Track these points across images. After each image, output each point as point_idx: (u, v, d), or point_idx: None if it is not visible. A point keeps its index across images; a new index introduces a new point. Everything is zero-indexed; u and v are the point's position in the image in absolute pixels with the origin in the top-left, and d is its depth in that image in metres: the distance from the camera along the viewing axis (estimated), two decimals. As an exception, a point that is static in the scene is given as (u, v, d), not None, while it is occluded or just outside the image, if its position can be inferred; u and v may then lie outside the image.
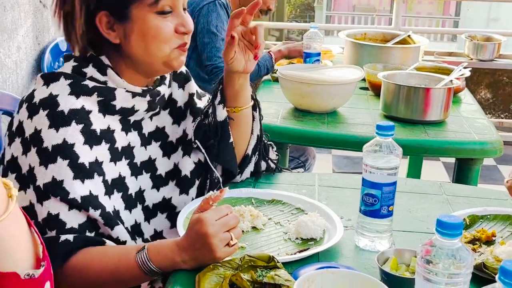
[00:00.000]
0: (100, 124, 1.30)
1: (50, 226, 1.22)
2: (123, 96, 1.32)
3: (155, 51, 1.30)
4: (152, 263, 1.19)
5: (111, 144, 1.32)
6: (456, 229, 0.86)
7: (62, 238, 1.21)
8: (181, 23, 1.31)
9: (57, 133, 1.23)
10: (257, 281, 1.11)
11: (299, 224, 1.32)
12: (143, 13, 1.27)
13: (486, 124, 2.19)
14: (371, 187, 1.27)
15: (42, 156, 1.23)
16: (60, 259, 1.20)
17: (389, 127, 1.25)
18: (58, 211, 1.22)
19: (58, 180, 1.22)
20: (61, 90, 1.27)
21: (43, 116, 1.24)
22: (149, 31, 1.28)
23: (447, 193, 1.57)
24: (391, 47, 2.76)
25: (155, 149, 1.43)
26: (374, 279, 1.07)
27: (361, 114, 2.24)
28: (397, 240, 1.32)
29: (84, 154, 1.25)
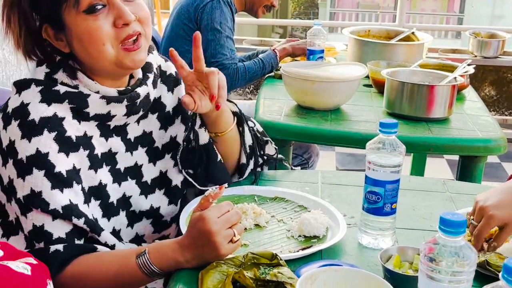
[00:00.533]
0: (75, 131, 1.25)
1: (37, 238, 1.20)
2: (97, 103, 1.26)
3: (96, 55, 1.23)
4: (155, 265, 1.19)
5: (90, 151, 1.27)
6: (459, 227, 0.86)
7: (51, 249, 1.19)
8: (117, 15, 1.21)
9: (30, 143, 1.20)
10: (260, 278, 1.11)
11: (302, 221, 1.32)
12: (72, 17, 1.20)
13: (490, 121, 2.19)
14: (374, 184, 1.26)
15: (18, 168, 1.20)
16: (53, 271, 1.17)
17: (392, 124, 1.25)
18: (42, 222, 1.20)
19: (36, 191, 1.19)
20: (32, 97, 1.23)
21: (15, 127, 1.21)
22: (83, 36, 1.21)
23: (451, 191, 1.56)
24: (395, 44, 2.75)
25: (141, 155, 1.38)
26: (377, 277, 1.07)
27: (364, 111, 2.23)
28: (400, 237, 1.32)
29: (60, 162, 1.21)
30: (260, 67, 2.64)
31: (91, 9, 1.20)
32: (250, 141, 1.51)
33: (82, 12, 1.20)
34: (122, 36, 1.22)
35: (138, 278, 1.21)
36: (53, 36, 1.25)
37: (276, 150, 1.62)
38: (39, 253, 1.18)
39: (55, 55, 1.27)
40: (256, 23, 6.97)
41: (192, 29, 2.59)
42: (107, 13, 1.21)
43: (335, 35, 10.48)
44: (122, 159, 1.35)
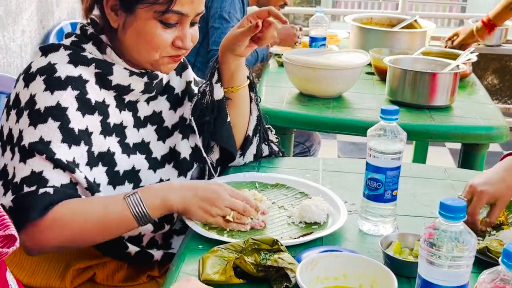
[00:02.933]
0: (95, 95, 1.30)
1: (30, 183, 1.20)
2: (121, 73, 1.33)
3: (143, 53, 1.31)
4: (144, 203, 1.22)
5: (104, 117, 1.32)
6: (459, 212, 0.86)
7: (41, 191, 1.19)
8: (180, 37, 1.30)
9: (52, 95, 1.24)
10: (261, 264, 1.11)
11: (303, 208, 1.32)
12: (147, 16, 1.26)
13: (493, 109, 2.18)
14: (375, 171, 1.26)
15: (33, 117, 1.23)
16: (37, 212, 1.17)
17: (393, 111, 1.25)
18: (42, 168, 1.21)
19: (45, 140, 1.22)
20: (60, 59, 1.28)
21: (40, 81, 1.25)
22: (145, 34, 1.28)
23: (452, 178, 1.56)
24: (397, 31, 2.74)
25: (150, 133, 1.42)
26: (377, 263, 1.07)
27: (366, 99, 2.23)
28: (400, 224, 1.32)
29: (75, 120, 1.25)
30: (254, 58, 2.67)
31: (166, 23, 1.28)
32: (257, 112, 1.56)
33: (157, 19, 1.27)
34: (173, 53, 1.32)
35: (125, 220, 1.22)
36: (111, 7, 1.29)
37: (277, 138, 1.64)
38: (26, 195, 1.18)
39: (87, 28, 1.33)
40: (259, 11, 6.93)
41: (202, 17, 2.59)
42: (174, 30, 1.29)
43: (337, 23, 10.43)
44: (130, 134, 1.38)
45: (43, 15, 2.47)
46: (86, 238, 1.24)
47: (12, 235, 0.91)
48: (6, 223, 0.91)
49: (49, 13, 2.53)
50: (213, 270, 1.12)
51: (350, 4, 15.33)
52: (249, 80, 1.53)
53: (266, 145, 1.60)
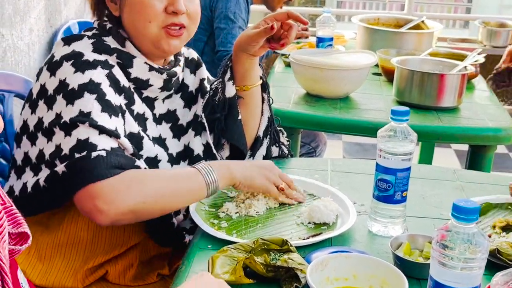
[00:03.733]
0: (121, 79, 1.31)
1: (79, 150, 1.19)
2: (140, 66, 1.34)
3: (141, 29, 1.32)
4: (213, 169, 1.29)
5: (129, 102, 1.32)
6: (472, 213, 0.86)
7: (93, 155, 1.18)
8: (171, 1, 1.30)
9: (83, 74, 1.25)
10: (271, 264, 1.11)
11: (312, 208, 1.32)
12: None
13: (500, 110, 2.18)
14: (385, 172, 1.26)
15: (68, 96, 1.23)
16: (94, 175, 1.17)
17: (404, 112, 1.24)
18: (87, 136, 1.20)
19: (85, 112, 1.22)
20: (84, 47, 1.30)
21: (67, 66, 1.25)
22: (135, 7, 1.31)
23: (461, 180, 1.56)
24: (404, 32, 2.74)
25: (165, 130, 1.44)
26: (387, 263, 1.07)
27: (374, 99, 2.23)
28: (410, 226, 1.31)
29: (110, 94, 1.26)
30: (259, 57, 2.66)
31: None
32: (268, 113, 1.57)
33: None
34: (168, 21, 1.31)
35: (196, 186, 1.27)
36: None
37: (288, 141, 1.65)
38: (78, 161, 1.18)
39: (105, 23, 1.35)
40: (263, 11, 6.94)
41: (207, 18, 2.60)
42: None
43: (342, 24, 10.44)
44: (149, 126, 1.39)
45: (51, 14, 2.47)
46: (160, 200, 1.23)
47: (25, 232, 0.91)
48: (19, 221, 0.91)
49: (56, 12, 2.54)
50: (223, 270, 1.12)
51: (355, 5, 15.34)
52: (262, 80, 1.53)
53: (276, 147, 1.60)
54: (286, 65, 2.61)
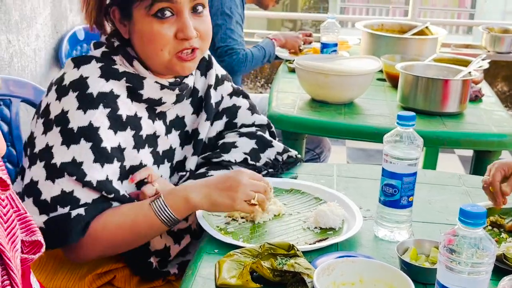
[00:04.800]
0: (127, 110, 1.30)
1: (62, 203, 1.22)
2: (152, 86, 1.33)
3: (153, 56, 1.30)
4: (168, 206, 1.24)
5: (136, 131, 1.32)
6: (479, 218, 0.86)
7: (73, 214, 1.21)
8: (181, 28, 1.27)
9: (84, 114, 1.24)
10: (277, 268, 1.12)
11: (318, 213, 1.32)
12: (141, 14, 1.26)
13: (505, 116, 2.18)
14: (391, 177, 1.26)
15: (66, 136, 1.24)
16: (76, 235, 1.21)
17: (410, 117, 1.25)
18: (72, 188, 1.23)
19: (78, 161, 1.23)
20: (92, 72, 1.28)
21: (73, 98, 1.25)
22: (144, 35, 1.28)
23: (467, 185, 1.56)
24: (408, 38, 2.74)
25: (175, 138, 1.44)
26: (394, 268, 1.07)
27: (378, 105, 2.23)
28: (416, 231, 1.32)
29: (107, 138, 1.26)
30: (263, 54, 2.69)
31: (160, 15, 1.26)
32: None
33: (151, 15, 1.25)
34: (179, 48, 1.28)
35: (154, 224, 1.25)
36: (118, 19, 1.31)
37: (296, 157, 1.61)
38: (60, 218, 1.21)
39: (113, 40, 1.33)
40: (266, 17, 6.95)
41: None
42: (173, 22, 1.27)
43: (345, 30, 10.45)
44: (161, 142, 1.40)
45: (57, 20, 2.49)
46: (122, 245, 1.28)
47: (39, 241, 0.92)
48: (32, 228, 0.92)
49: (62, 18, 2.55)
50: (230, 274, 1.12)
51: (358, 10, 15.35)
52: None
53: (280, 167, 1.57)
54: (290, 71, 2.62)
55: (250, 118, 1.57)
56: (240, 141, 1.51)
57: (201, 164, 1.47)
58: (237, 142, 1.50)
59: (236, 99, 1.57)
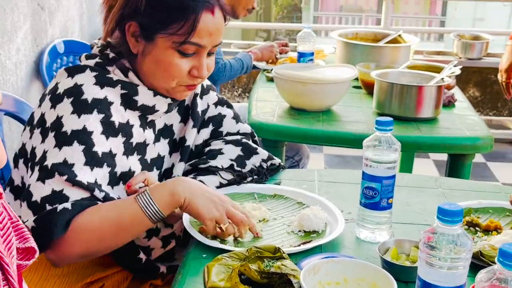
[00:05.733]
0: (119, 117, 1.34)
1: (51, 202, 1.23)
2: (145, 93, 1.37)
3: (161, 80, 1.36)
4: (153, 200, 1.24)
5: (127, 138, 1.36)
6: (456, 216, 0.91)
7: (59, 208, 1.22)
8: (197, 67, 1.35)
9: (79, 119, 1.28)
10: (264, 271, 1.15)
11: (302, 217, 1.36)
12: (166, 45, 1.32)
13: (477, 120, 2.25)
14: (371, 180, 1.31)
15: (59, 139, 1.26)
16: (60, 229, 1.21)
17: (387, 122, 1.30)
18: (62, 187, 1.24)
19: (69, 163, 1.25)
20: (86, 80, 1.32)
21: (67, 104, 1.28)
22: (163, 63, 1.33)
23: (443, 187, 1.62)
24: (383, 46, 2.81)
25: (163, 146, 1.47)
26: (377, 267, 1.12)
27: (355, 112, 2.29)
28: (396, 231, 1.37)
29: (99, 143, 1.29)
30: (240, 66, 2.75)
31: (184, 53, 1.33)
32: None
33: (176, 49, 1.32)
34: (189, 82, 1.37)
35: (139, 219, 1.25)
36: (132, 34, 1.34)
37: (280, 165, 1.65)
38: (47, 214, 1.22)
39: (107, 52, 1.37)
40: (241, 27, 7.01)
41: None
42: (191, 60, 1.34)
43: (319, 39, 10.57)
44: (149, 150, 1.43)
45: (37, 34, 2.50)
46: (106, 243, 1.27)
47: (32, 247, 0.94)
48: (25, 236, 0.94)
49: (42, 32, 2.57)
50: (219, 277, 1.16)
51: (331, 19, 15.51)
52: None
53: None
54: (268, 80, 2.67)
55: (235, 126, 1.61)
56: (226, 148, 1.55)
57: (189, 171, 1.51)
58: (223, 149, 1.54)
59: (221, 108, 1.61)
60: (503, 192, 1.61)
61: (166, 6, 1.30)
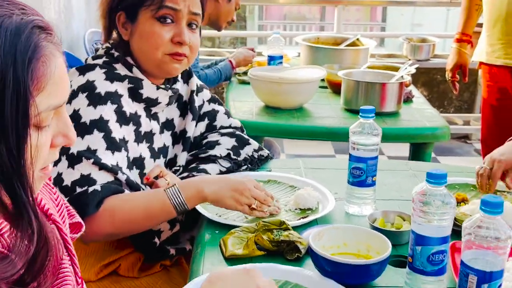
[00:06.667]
0: (129, 108, 1.50)
1: (81, 184, 1.38)
2: (149, 87, 1.53)
3: (148, 54, 1.51)
4: (182, 194, 1.40)
5: (137, 127, 1.51)
6: (442, 178, 1.11)
7: (90, 190, 1.37)
8: (177, 33, 1.49)
9: (95, 110, 1.42)
10: (274, 240, 1.33)
11: (298, 196, 1.55)
12: (146, 16, 1.48)
13: (434, 113, 2.50)
14: (357, 161, 1.51)
15: (80, 129, 1.40)
16: (92, 208, 1.36)
17: (370, 110, 1.51)
18: (89, 171, 1.39)
19: (92, 149, 1.40)
20: (97, 76, 1.47)
21: (83, 98, 1.43)
22: (146, 34, 1.49)
23: (413, 169, 1.84)
24: (344, 49, 3.04)
25: (167, 137, 1.64)
26: (371, 231, 1.32)
27: (324, 109, 2.50)
28: (378, 206, 1.57)
29: (115, 130, 1.44)
30: (218, 76, 2.90)
31: (162, 19, 1.48)
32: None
33: (155, 18, 1.48)
34: (172, 50, 1.50)
35: (165, 209, 1.41)
36: (122, 24, 1.51)
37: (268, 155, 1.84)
38: (78, 197, 1.36)
39: (112, 52, 1.52)
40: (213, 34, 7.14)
41: None
42: (171, 28, 1.49)
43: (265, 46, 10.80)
44: (156, 139, 1.59)
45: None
46: (133, 226, 1.43)
47: (78, 222, 1.09)
48: (71, 212, 1.09)
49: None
50: (235, 247, 1.33)
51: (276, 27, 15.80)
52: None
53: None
54: (240, 83, 2.86)
55: (227, 121, 1.79)
56: (222, 139, 1.72)
57: (191, 160, 1.68)
58: (220, 140, 1.72)
59: (214, 105, 1.79)
60: (465, 171, 1.84)
61: None
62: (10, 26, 0.75)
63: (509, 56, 2.42)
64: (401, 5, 4.96)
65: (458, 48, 2.77)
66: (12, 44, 0.75)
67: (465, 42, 2.76)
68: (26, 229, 0.80)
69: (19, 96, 0.74)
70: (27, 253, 0.81)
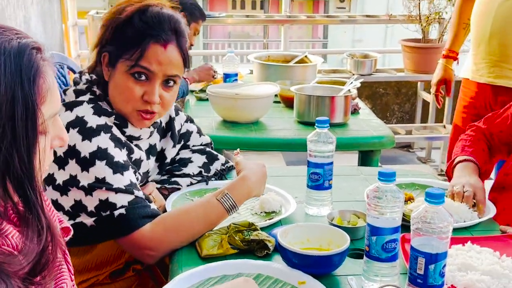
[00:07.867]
0: (120, 136, 1.56)
1: (103, 209, 1.46)
2: (133, 126, 1.60)
3: (119, 104, 1.56)
4: (234, 200, 1.56)
5: (129, 153, 1.58)
6: (392, 176, 1.29)
7: (115, 214, 1.45)
8: (148, 92, 1.53)
9: (91, 142, 1.47)
10: (245, 239, 1.48)
11: (263, 201, 1.70)
12: (122, 69, 1.53)
13: (379, 123, 2.70)
14: (315, 167, 1.68)
15: (82, 164, 1.45)
16: (123, 231, 1.46)
17: (325, 121, 1.68)
18: (106, 196, 1.46)
19: (100, 178, 1.46)
20: (86, 112, 1.52)
21: (75, 133, 1.47)
22: (120, 86, 1.54)
23: (364, 174, 2.02)
24: (294, 66, 3.22)
25: (151, 163, 1.74)
26: (332, 227, 1.49)
27: (279, 122, 2.66)
28: (335, 207, 1.73)
29: (117, 154, 1.50)
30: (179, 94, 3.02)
31: (137, 76, 1.52)
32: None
33: (129, 73, 1.53)
34: (141, 107, 1.56)
35: (220, 214, 1.55)
36: (105, 64, 1.56)
37: None
38: (107, 220, 1.45)
39: (94, 90, 1.58)
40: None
41: None
42: (144, 85, 1.54)
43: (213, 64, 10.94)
44: (143, 165, 1.66)
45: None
46: (193, 237, 1.52)
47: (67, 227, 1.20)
48: (59, 218, 1.19)
49: None
50: (210, 248, 1.47)
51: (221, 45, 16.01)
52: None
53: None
54: (197, 99, 3.00)
55: (198, 140, 1.94)
56: (194, 156, 1.87)
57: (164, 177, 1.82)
58: (192, 157, 1.86)
59: (188, 125, 1.91)
60: (410, 174, 2.03)
61: (125, 36, 1.54)
62: (12, 49, 0.89)
63: (492, 75, 2.55)
64: (344, 23, 5.20)
65: (444, 64, 2.88)
66: (17, 66, 0.88)
67: (451, 58, 2.87)
68: (36, 225, 0.92)
69: (27, 109, 0.88)
70: (37, 246, 0.93)
